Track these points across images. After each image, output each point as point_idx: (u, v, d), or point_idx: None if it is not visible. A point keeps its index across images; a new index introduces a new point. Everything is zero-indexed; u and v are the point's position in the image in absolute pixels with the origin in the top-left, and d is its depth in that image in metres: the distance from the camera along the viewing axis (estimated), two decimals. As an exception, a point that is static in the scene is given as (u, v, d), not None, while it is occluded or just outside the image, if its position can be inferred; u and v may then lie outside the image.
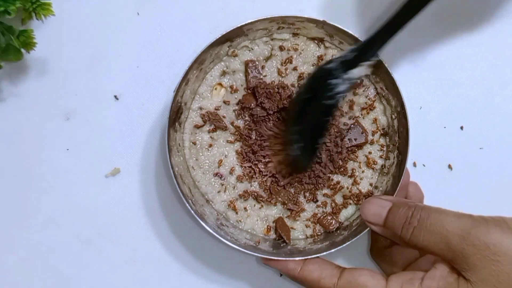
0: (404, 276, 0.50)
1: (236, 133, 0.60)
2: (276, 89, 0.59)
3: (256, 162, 0.59)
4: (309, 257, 0.54)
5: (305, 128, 0.56)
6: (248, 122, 0.60)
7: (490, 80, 0.64)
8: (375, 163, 0.60)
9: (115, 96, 0.63)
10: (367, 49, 0.53)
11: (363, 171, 0.60)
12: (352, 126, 0.60)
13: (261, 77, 0.60)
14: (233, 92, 0.60)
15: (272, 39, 0.60)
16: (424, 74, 0.64)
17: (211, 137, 0.60)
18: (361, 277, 0.51)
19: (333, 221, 0.59)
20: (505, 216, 0.47)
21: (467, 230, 0.46)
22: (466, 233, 0.46)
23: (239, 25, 0.56)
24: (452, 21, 0.64)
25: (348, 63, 0.53)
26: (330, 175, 0.60)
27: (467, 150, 0.64)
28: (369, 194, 0.59)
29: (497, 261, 0.45)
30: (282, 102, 0.59)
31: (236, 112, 0.60)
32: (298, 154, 0.56)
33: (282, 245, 0.58)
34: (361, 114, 0.61)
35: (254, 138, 0.59)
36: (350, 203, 0.60)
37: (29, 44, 0.58)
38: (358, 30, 0.57)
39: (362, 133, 0.60)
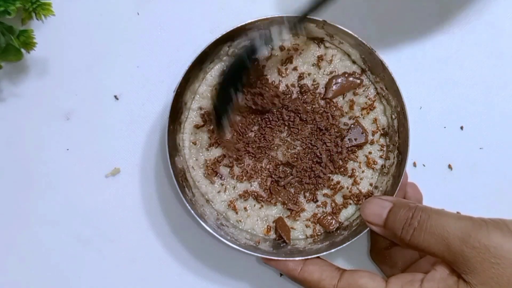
0: (403, 278, 0.50)
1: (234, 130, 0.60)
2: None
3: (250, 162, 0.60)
4: (309, 257, 0.54)
5: (223, 86, 0.56)
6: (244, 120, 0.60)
7: (490, 80, 0.64)
8: (375, 163, 0.60)
9: (115, 96, 0.63)
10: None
11: (363, 171, 0.60)
12: (352, 126, 0.60)
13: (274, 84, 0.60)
14: (233, 92, 0.60)
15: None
16: (424, 74, 0.64)
17: (211, 137, 0.60)
18: (361, 279, 0.51)
19: (333, 221, 0.59)
20: (505, 218, 0.47)
21: (467, 233, 0.46)
22: (466, 236, 0.46)
23: (239, 25, 0.56)
24: (452, 21, 0.64)
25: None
26: (330, 175, 0.60)
27: (467, 150, 0.64)
28: (369, 194, 0.59)
29: (497, 264, 0.45)
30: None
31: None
32: (216, 114, 0.57)
33: (282, 245, 0.58)
34: (361, 114, 0.61)
35: (253, 136, 0.60)
36: (350, 203, 0.60)
37: (29, 44, 0.58)
38: (358, 30, 0.57)
39: (362, 133, 0.60)
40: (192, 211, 0.55)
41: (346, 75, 0.60)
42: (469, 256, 0.46)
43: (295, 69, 0.60)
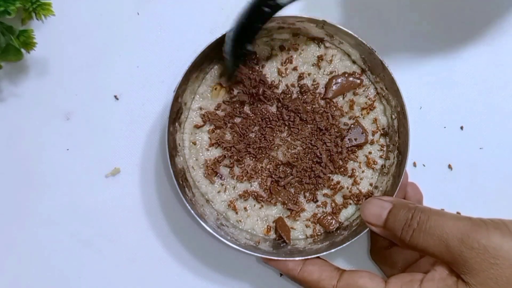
0: (403, 278, 0.50)
1: (234, 132, 0.60)
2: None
3: (250, 161, 0.60)
4: (309, 257, 0.55)
5: (237, 32, 0.55)
6: (245, 117, 0.60)
7: (490, 80, 0.64)
8: (375, 163, 0.60)
9: (115, 96, 0.63)
10: None
11: (363, 171, 0.60)
12: (352, 126, 0.60)
13: (258, 69, 0.60)
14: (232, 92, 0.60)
15: (272, 39, 0.60)
16: (424, 74, 0.64)
17: (211, 137, 0.60)
18: (361, 280, 0.51)
19: (333, 221, 0.59)
20: (504, 218, 0.47)
21: (466, 233, 0.46)
22: (465, 236, 0.46)
23: (239, 25, 0.56)
24: (452, 21, 0.64)
25: None
26: (330, 175, 0.60)
27: (467, 150, 0.64)
28: (369, 194, 0.59)
29: (496, 265, 0.45)
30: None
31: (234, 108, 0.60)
32: (226, 59, 0.56)
33: (282, 245, 0.58)
34: (361, 114, 0.61)
35: (253, 137, 0.60)
36: (350, 203, 0.60)
37: (29, 44, 0.58)
38: (358, 30, 0.57)
39: (362, 133, 0.60)
40: (192, 211, 0.54)
41: (346, 75, 0.60)
42: (468, 257, 0.46)
43: (295, 69, 0.60)
